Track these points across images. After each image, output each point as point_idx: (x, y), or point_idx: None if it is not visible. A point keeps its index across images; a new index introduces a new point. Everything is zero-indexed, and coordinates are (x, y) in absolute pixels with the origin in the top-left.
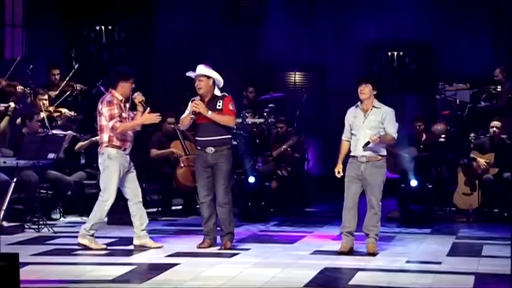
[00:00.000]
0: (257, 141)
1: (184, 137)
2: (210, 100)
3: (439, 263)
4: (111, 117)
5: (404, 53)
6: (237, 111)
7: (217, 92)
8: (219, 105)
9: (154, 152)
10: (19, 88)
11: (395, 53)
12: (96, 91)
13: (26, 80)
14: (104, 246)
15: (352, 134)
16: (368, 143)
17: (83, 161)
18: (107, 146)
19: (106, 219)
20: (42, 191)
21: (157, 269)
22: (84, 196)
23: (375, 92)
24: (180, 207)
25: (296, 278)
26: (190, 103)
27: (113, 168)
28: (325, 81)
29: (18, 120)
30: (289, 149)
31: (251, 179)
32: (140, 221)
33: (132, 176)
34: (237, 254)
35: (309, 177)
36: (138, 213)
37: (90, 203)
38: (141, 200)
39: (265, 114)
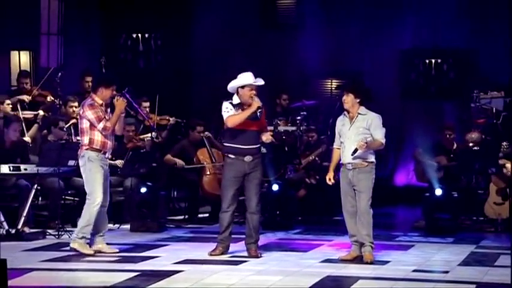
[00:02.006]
0: (286, 149)
1: (211, 144)
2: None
3: (446, 272)
4: (99, 119)
5: (442, 60)
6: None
7: None
8: (259, 114)
9: (167, 156)
10: (49, 99)
11: (433, 61)
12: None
13: (55, 87)
14: (93, 252)
15: (341, 142)
16: (356, 150)
17: None
18: (87, 148)
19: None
20: (68, 197)
21: (159, 275)
22: (112, 203)
23: (358, 100)
24: (207, 214)
25: (294, 286)
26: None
27: (94, 170)
28: None
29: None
30: (317, 157)
31: (275, 187)
32: (101, 227)
33: (107, 181)
34: (246, 261)
35: (339, 186)
36: (100, 219)
37: (116, 210)
38: (106, 206)
39: (297, 122)
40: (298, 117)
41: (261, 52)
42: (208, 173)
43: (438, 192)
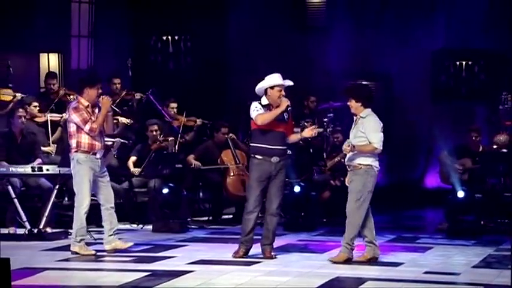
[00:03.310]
0: (311, 150)
1: (235, 146)
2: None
3: (458, 274)
4: (85, 121)
5: (472, 62)
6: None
7: None
8: (286, 116)
9: (188, 157)
10: (71, 98)
11: (464, 62)
12: (146, 100)
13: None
14: (94, 252)
15: None
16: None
17: None
18: (76, 151)
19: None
20: (92, 198)
21: (169, 275)
22: (135, 204)
23: (359, 104)
24: (231, 216)
25: (299, 287)
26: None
27: (82, 172)
28: (392, 90)
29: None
30: (342, 159)
31: (296, 189)
32: (110, 226)
33: (105, 181)
34: (259, 262)
35: None
36: (108, 218)
37: (142, 211)
38: (113, 205)
39: (324, 123)
40: (325, 119)
41: (290, 54)
42: (232, 174)
43: (460, 194)
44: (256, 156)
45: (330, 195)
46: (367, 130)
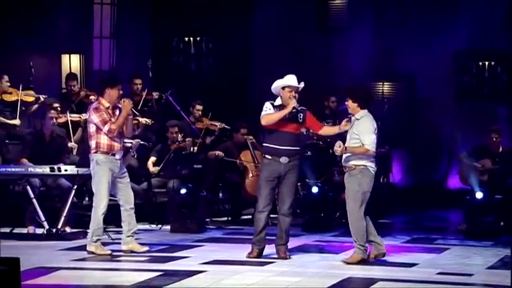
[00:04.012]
0: (330, 151)
1: (254, 147)
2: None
3: (471, 275)
4: (104, 122)
5: (495, 62)
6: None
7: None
8: (300, 118)
9: (209, 152)
10: (92, 98)
11: (487, 63)
12: (165, 101)
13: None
14: (109, 252)
15: None
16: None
17: None
18: (95, 152)
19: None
20: (112, 198)
21: (180, 275)
22: (155, 204)
23: (356, 105)
24: (250, 216)
25: (310, 287)
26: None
27: (101, 173)
28: (414, 91)
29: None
30: None
31: (314, 189)
32: (128, 227)
33: (124, 182)
34: (272, 263)
35: (389, 188)
36: (127, 219)
37: (161, 211)
38: (132, 206)
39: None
40: (346, 119)
41: (312, 55)
42: (250, 175)
43: (479, 195)
44: (266, 156)
45: None
46: (361, 131)
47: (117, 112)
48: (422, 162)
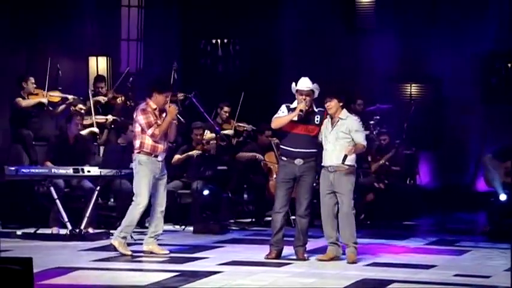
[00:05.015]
0: None
1: (278, 148)
2: (309, 114)
3: (488, 277)
4: (149, 125)
5: None
6: None
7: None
8: (317, 120)
9: (239, 154)
10: (119, 100)
11: None
12: (188, 102)
13: (126, 92)
14: (130, 253)
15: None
16: (346, 156)
17: None
18: (138, 152)
19: (162, 226)
20: None
21: (196, 276)
22: (179, 205)
23: (341, 104)
24: None
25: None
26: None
27: (142, 173)
28: (442, 93)
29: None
30: (387, 162)
31: None
32: (155, 229)
33: (161, 184)
34: (290, 264)
35: (415, 190)
36: (156, 222)
37: (185, 212)
38: (163, 210)
39: (370, 126)
40: (371, 122)
41: (339, 56)
42: (274, 176)
43: (502, 197)
44: (282, 157)
45: (373, 198)
46: (354, 130)
47: (164, 114)
48: (450, 164)
